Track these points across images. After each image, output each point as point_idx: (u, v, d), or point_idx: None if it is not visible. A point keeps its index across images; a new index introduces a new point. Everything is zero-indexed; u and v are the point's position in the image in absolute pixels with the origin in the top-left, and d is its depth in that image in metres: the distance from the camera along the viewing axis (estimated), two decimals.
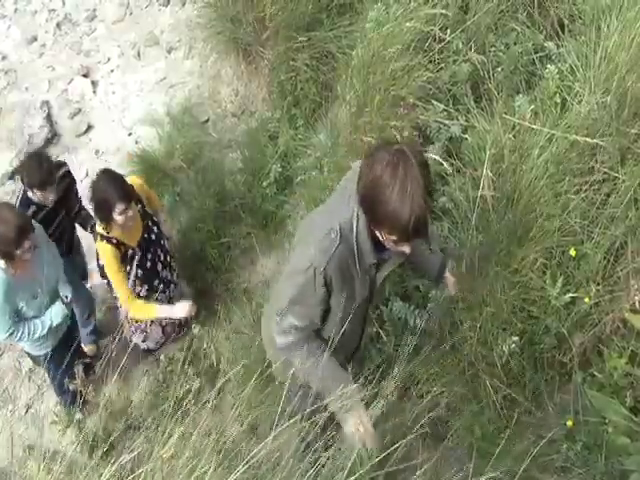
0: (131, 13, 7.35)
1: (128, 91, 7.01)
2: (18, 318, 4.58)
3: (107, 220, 4.69)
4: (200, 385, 4.85)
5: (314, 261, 2.95)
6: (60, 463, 3.91)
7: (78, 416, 5.20)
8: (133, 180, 5.05)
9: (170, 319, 5.32)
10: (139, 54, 7.15)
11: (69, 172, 5.22)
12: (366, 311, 3.42)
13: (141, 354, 5.58)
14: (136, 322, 5.40)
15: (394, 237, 2.77)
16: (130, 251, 4.93)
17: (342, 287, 3.07)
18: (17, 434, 5.47)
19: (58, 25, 7.41)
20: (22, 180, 4.89)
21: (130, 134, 6.78)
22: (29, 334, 4.65)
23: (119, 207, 4.60)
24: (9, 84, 7.17)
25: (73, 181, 5.29)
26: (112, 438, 4.01)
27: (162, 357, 5.51)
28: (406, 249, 2.87)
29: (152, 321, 5.38)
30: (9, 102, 7.07)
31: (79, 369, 4.82)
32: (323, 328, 3.27)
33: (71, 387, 4.86)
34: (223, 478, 3.01)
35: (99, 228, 4.78)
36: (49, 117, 6.92)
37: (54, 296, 4.76)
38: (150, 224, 5.10)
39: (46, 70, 7.21)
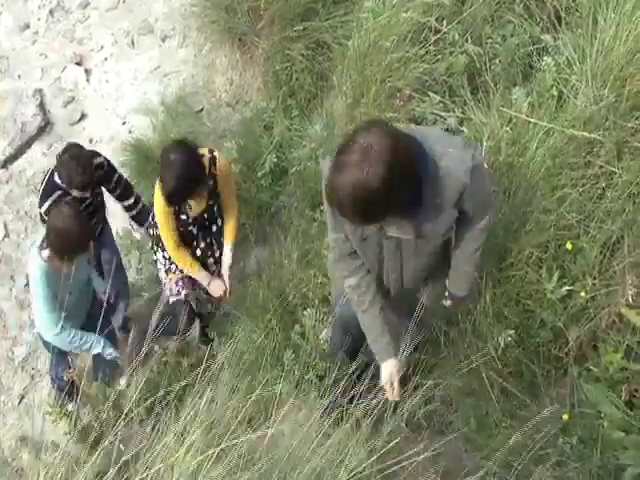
0: (124, 1, 7.30)
1: (122, 80, 6.97)
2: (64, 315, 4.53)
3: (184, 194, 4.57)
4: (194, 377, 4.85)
5: (324, 182, 3.02)
6: (53, 454, 3.92)
7: (70, 407, 5.18)
8: (222, 157, 4.85)
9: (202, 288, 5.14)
10: (133, 42, 7.12)
11: (102, 163, 5.06)
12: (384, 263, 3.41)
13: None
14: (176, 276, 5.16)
15: None
16: (183, 217, 4.80)
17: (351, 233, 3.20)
18: (10, 425, 5.47)
19: (51, 12, 7.36)
20: (60, 175, 4.75)
21: (124, 123, 6.75)
22: (81, 341, 4.64)
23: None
24: (1, 72, 7.12)
25: (107, 171, 5.13)
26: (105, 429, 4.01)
27: (156, 347, 5.49)
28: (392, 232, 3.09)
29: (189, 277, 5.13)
30: (1, 90, 7.03)
31: (72, 358, 4.81)
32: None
33: (65, 377, 4.84)
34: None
35: None
36: (42, 105, 6.89)
37: (86, 293, 4.79)
38: (213, 210, 4.93)
39: (39, 58, 7.16)
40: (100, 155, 5.06)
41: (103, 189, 5.21)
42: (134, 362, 4.00)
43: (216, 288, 5.00)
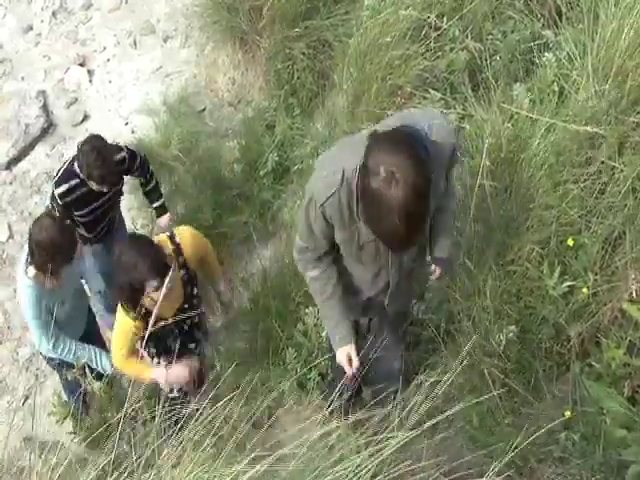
0: (127, 2, 7.31)
1: (124, 80, 6.98)
2: (57, 328, 4.45)
3: (134, 302, 3.79)
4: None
5: (315, 195, 3.06)
6: (57, 454, 3.91)
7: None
8: (185, 235, 4.05)
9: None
10: (135, 43, 7.13)
11: (124, 159, 4.93)
12: (389, 265, 3.41)
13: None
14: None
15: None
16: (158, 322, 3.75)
17: (342, 228, 3.14)
18: (14, 425, 5.48)
19: (54, 14, 7.37)
20: (79, 165, 4.68)
21: (126, 123, 6.76)
22: (73, 353, 4.56)
23: (152, 284, 3.68)
24: (5, 73, 7.14)
25: (130, 167, 5.02)
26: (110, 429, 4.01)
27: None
28: None
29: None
30: (5, 92, 7.05)
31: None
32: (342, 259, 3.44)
33: (69, 376, 4.82)
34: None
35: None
36: (45, 107, 6.90)
37: (79, 296, 4.74)
38: (191, 291, 4.17)
39: (42, 59, 7.18)
40: (122, 150, 4.95)
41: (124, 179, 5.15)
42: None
43: (176, 374, 4.15)
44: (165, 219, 5.39)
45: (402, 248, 2.92)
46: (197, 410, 3.59)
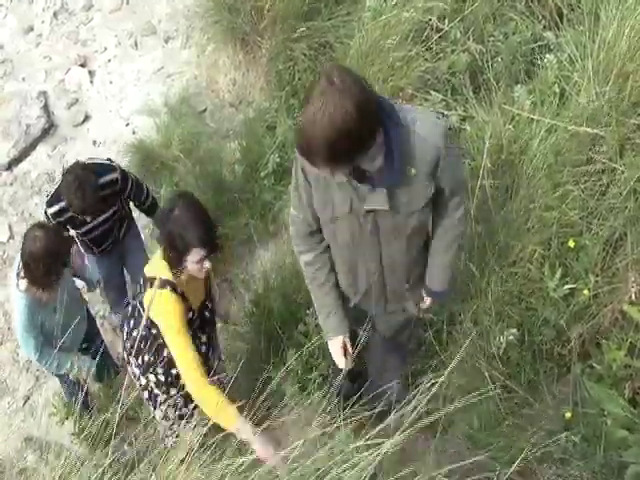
0: (128, 2, 7.31)
1: (125, 81, 6.98)
2: (45, 340, 4.44)
3: (179, 261, 3.60)
4: None
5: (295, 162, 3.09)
6: (58, 455, 3.92)
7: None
8: None
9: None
10: (136, 44, 7.13)
11: (117, 180, 4.75)
12: (372, 247, 3.30)
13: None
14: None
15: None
16: (190, 314, 3.79)
17: (317, 188, 3.08)
18: (15, 426, 5.48)
19: (55, 14, 7.37)
20: (62, 194, 4.55)
21: (127, 124, 6.76)
22: (58, 366, 4.57)
23: (198, 252, 3.55)
24: (6, 74, 7.14)
25: (123, 188, 4.85)
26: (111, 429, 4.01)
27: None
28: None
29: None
30: (6, 92, 7.05)
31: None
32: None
33: (71, 376, 4.81)
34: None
35: (162, 270, 3.66)
36: (46, 107, 6.90)
37: (72, 304, 4.66)
38: (210, 289, 4.10)
39: (43, 60, 7.18)
40: (115, 170, 4.77)
41: None
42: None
43: (263, 449, 3.31)
44: None
45: (309, 148, 2.64)
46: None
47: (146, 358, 3.88)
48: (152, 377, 3.96)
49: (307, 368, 4.57)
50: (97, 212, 4.71)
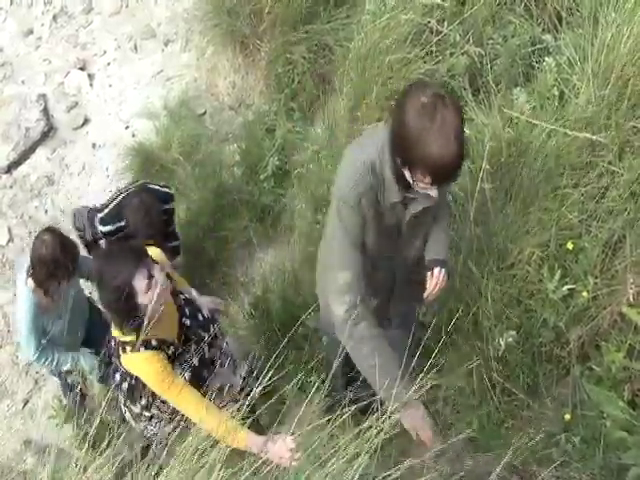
0: (127, 5, 7.30)
1: (125, 84, 6.98)
2: (46, 340, 4.46)
3: (132, 314, 3.42)
4: None
5: (346, 196, 3.01)
6: (57, 458, 3.92)
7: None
8: (154, 252, 3.82)
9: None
10: (136, 47, 7.12)
11: (173, 211, 4.94)
12: (397, 255, 3.39)
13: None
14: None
15: (428, 179, 2.79)
16: (172, 349, 3.65)
17: (374, 222, 3.10)
18: (14, 429, 5.48)
19: (54, 18, 7.37)
20: (126, 217, 4.60)
21: (127, 127, 6.76)
22: (57, 363, 4.57)
23: (140, 279, 3.38)
24: (5, 77, 7.13)
25: (170, 217, 4.99)
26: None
27: None
28: (433, 193, 2.90)
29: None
30: (5, 95, 7.04)
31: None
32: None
33: (69, 379, 4.81)
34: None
35: (123, 335, 3.52)
36: (46, 110, 6.89)
37: (77, 309, 4.71)
38: (182, 303, 3.88)
39: (42, 63, 7.18)
40: (173, 200, 4.91)
41: None
42: None
43: (279, 453, 3.29)
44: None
45: (456, 171, 2.77)
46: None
47: (143, 402, 3.81)
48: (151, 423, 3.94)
49: (307, 370, 4.57)
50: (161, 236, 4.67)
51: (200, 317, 3.91)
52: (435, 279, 3.41)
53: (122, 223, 4.72)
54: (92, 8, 7.38)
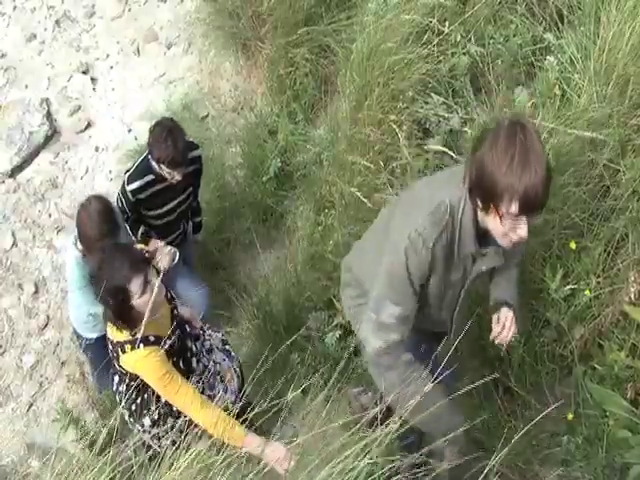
0: (130, 9, 7.32)
1: (127, 87, 6.98)
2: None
3: (127, 313, 3.50)
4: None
5: (423, 234, 2.82)
6: (61, 461, 3.91)
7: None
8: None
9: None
10: (138, 50, 7.13)
11: (199, 157, 4.93)
12: (455, 303, 3.25)
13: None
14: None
15: (515, 208, 2.64)
16: (169, 343, 3.67)
17: (442, 268, 2.93)
18: (18, 432, 5.49)
19: (57, 22, 7.38)
20: (151, 151, 4.56)
21: (130, 130, 6.76)
22: (94, 325, 4.63)
23: (136, 283, 3.44)
24: (8, 82, 7.15)
25: (200, 169, 5.01)
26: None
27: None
28: (523, 230, 2.72)
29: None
30: (9, 100, 7.05)
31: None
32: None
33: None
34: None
35: (118, 332, 3.58)
36: (49, 114, 6.90)
37: None
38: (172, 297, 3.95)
39: (45, 67, 7.19)
40: (198, 148, 4.93)
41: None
42: None
43: (275, 454, 3.36)
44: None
45: (544, 193, 2.66)
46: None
47: (155, 416, 3.86)
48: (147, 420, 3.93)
49: (310, 372, 4.57)
50: (183, 168, 4.63)
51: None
52: (503, 323, 3.27)
53: (151, 176, 4.69)
54: (94, 12, 7.39)
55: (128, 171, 4.86)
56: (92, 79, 7.09)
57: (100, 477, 3.15)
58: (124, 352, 3.56)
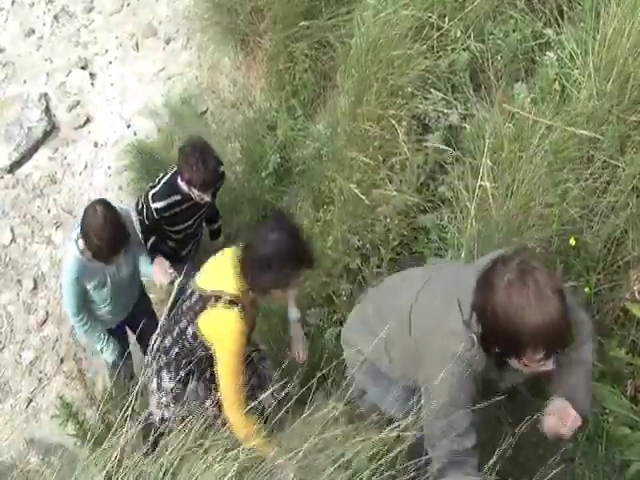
0: (128, 4, 7.30)
1: (126, 83, 6.97)
2: (87, 308, 4.55)
3: (267, 275, 3.32)
4: None
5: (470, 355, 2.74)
6: (61, 456, 3.92)
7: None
8: None
9: None
10: (137, 45, 7.12)
11: (223, 173, 4.79)
12: None
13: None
14: None
15: (541, 354, 2.57)
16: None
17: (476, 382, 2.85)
18: (18, 428, 5.48)
19: (55, 17, 7.37)
20: (180, 171, 4.48)
21: (129, 126, 6.76)
22: (88, 330, 4.63)
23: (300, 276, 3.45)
24: (7, 77, 7.14)
25: (223, 183, 4.90)
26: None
27: None
28: (549, 365, 2.67)
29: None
30: (7, 95, 7.04)
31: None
32: None
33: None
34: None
35: (229, 286, 3.41)
36: (47, 110, 6.90)
37: (126, 288, 4.71)
38: None
39: (44, 62, 7.18)
40: (222, 164, 4.77)
41: None
42: None
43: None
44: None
45: (568, 331, 2.56)
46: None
47: (182, 373, 3.73)
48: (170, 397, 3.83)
49: (310, 369, 4.56)
50: (213, 189, 4.57)
51: None
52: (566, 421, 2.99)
53: (177, 197, 4.62)
54: (93, 7, 7.38)
55: (153, 187, 4.74)
56: (91, 74, 7.08)
57: (99, 472, 3.15)
58: (216, 304, 3.41)
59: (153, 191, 4.71)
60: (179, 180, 4.53)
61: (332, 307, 4.94)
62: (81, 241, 4.27)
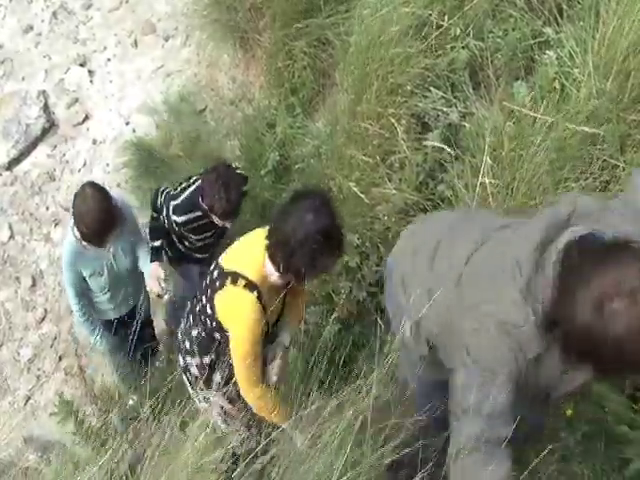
0: (127, 1, 7.31)
1: (125, 80, 6.98)
2: (86, 296, 4.57)
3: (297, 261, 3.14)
4: None
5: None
6: (59, 454, 3.92)
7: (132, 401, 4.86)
8: None
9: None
10: (136, 42, 7.12)
11: (246, 192, 4.60)
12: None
13: None
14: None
15: None
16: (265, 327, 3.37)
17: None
18: (16, 425, 5.48)
19: (54, 14, 7.37)
20: (202, 195, 4.38)
21: (127, 123, 6.76)
22: (86, 319, 4.63)
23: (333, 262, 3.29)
24: (5, 74, 7.14)
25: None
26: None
27: (160, 346, 5.48)
28: None
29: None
30: (6, 92, 7.05)
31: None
32: None
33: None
34: None
35: (250, 268, 3.29)
36: (46, 107, 6.90)
37: (125, 279, 4.71)
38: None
39: (42, 59, 7.18)
40: (247, 182, 4.61)
41: None
42: None
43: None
44: None
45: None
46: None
47: (207, 360, 3.62)
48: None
49: (309, 367, 4.56)
50: (234, 217, 4.49)
51: None
52: None
53: (198, 213, 4.50)
54: (92, 4, 7.38)
55: (174, 198, 4.61)
56: (89, 71, 7.08)
57: (98, 471, 3.15)
58: (235, 283, 3.23)
59: (174, 203, 4.59)
60: (200, 200, 4.44)
61: (331, 305, 4.94)
62: (76, 229, 4.27)
